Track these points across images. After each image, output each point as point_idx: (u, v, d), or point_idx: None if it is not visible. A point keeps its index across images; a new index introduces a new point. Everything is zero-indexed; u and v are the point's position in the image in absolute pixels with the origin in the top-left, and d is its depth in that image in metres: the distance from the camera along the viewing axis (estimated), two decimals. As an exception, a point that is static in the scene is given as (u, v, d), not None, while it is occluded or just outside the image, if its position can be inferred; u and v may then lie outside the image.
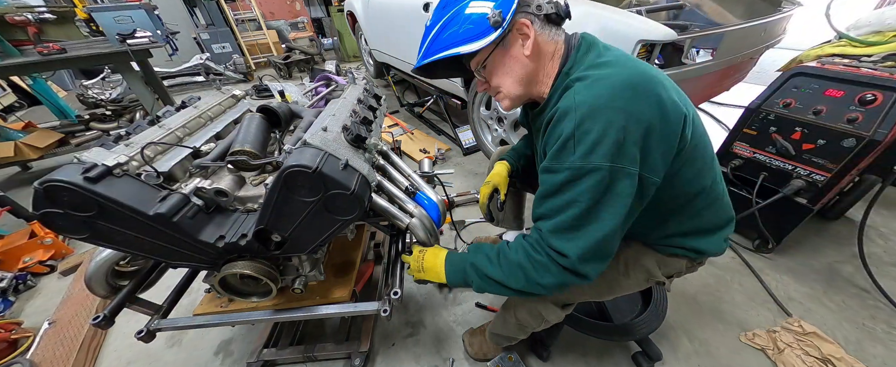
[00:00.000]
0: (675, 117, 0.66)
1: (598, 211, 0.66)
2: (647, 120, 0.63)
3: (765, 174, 1.54)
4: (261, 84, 1.66)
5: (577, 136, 0.64)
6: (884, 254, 1.67)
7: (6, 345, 1.42)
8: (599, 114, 0.62)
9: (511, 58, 0.76)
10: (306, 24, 6.72)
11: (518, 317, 1.01)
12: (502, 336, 1.13)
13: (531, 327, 1.02)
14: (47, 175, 0.70)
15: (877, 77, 1.27)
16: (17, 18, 2.44)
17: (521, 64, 0.76)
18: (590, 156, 0.62)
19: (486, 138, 2.55)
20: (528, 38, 0.73)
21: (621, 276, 0.91)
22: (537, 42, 0.74)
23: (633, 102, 0.63)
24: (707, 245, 0.85)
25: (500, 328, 1.11)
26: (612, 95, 0.63)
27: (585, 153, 0.63)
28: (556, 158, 0.68)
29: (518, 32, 0.73)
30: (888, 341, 1.30)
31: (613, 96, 0.63)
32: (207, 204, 0.86)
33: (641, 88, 0.64)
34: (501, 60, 0.77)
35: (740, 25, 1.62)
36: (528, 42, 0.73)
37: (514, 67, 0.77)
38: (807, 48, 1.71)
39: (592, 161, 0.62)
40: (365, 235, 1.45)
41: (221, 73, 5.27)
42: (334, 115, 1.00)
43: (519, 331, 1.06)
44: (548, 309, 0.95)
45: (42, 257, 1.88)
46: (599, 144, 0.62)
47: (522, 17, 0.71)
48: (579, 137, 0.63)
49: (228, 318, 1.07)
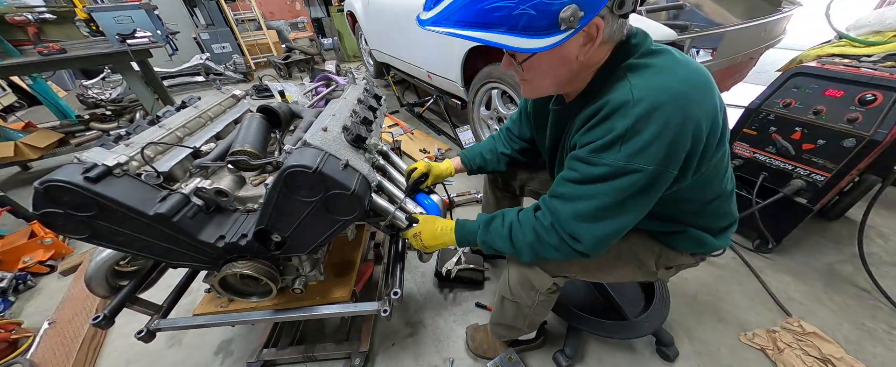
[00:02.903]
0: (720, 124, 0.64)
1: (625, 207, 0.64)
2: (702, 127, 0.59)
3: (765, 174, 1.54)
4: (261, 84, 1.66)
5: (628, 134, 0.58)
6: (884, 254, 1.67)
7: (6, 345, 1.42)
8: (659, 112, 0.57)
9: (561, 58, 0.63)
10: (306, 24, 6.72)
11: (512, 288, 0.98)
12: (502, 326, 1.13)
13: (524, 303, 0.98)
14: (47, 175, 0.70)
15: (877, 77, 1.27)
16: (17, 18, 2.44)
17: (570, 66, 0.65)
18: (636, 158, 0.59)
19: (483, 137, 2.55)
20: (592, 42, 0.61)
21: (614, 259, 0.91)
22: (600, 45, 0.62)
23: (694, 104, 0.58)
24: (711, 243, 0.86)
25: (499, 316, 1.11)
26: (675, 92, 0.58)
27: (632, 154, 0.59)
28: (596, 153, 0.62)
29: (585, 32, 0.59)
30: (888, 341, 1.30)
31: (676, 94, 0.57)
32: (207, 204, 0.86)
33: (703, 90, 0.60)
34: (549, 60, 0.64)
35: (740, 25, 1.62)
36: (591, 45, 0.61)
37: (559, 68, 0.65)
38: (807, 48, 1.71)
39: (637, 163, 0.59)
40: (365, 235, 1.45)
41: (221, 73, 5.27)
42: (334, 115, 1.00)
43: (517, 317, 1.05)
44: (537, 275, 0.91)
45: (42, 257, 1.87)
46: (650, 146, 0.58)
47: (600, 14, 0.57)
48: (631, 136, 0.58)
49: (228, 318, 1.07)
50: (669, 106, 0.57)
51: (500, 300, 1.07)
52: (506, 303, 1.04)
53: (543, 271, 0.89)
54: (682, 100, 0.58)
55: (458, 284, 1.60)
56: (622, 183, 0.62)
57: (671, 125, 0.57)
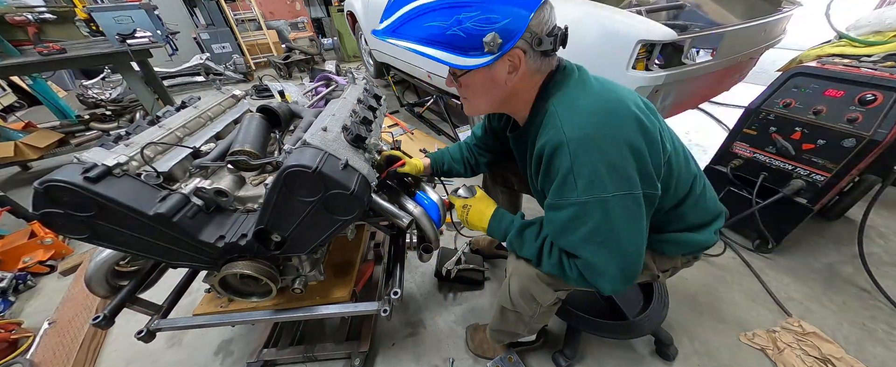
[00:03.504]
0: (654, 132, 0.68)
1: (619, 238, 0.68)
2: (633, 141, 0.65)
3: (765, 174, 1.54)
4: (261, 84, 1.66)
5: (575, 170, 0.65)
6: (884, 254, 1.67)
7: (6, 345, 1.42)
8: (590, 144, 0.64)
9: (491, 80, 0.72)
10: (306, 24, 6.72)
11: (512, 299, 0.96)
12: (502, 332, 1.12)
13: (526, 313, 0.97)
14: (47, 175, 0.70)
15: (877, 77, 1.27)
16: (17, 18, 2.44)
17: (501, 89, 0.73)
18: (592, 188, 0.64)
19: (486, 138, 2.55)
20: (516, 70, 0.69)
21: None
22: (524, 74, 0.71)
23: (616, 126, 0.65)
24: (698, 240, 0.87)
25: (499, 323, 1.10)
26: (596, 123, 0.65)
27: (587, 186, 0.64)
28: (559, 194, 0.69)
29: (509, 60, 0.68)
30: (888, 341, 1.30)
31: (598, 125, 0.64)
32: (207, 204, 0.86)
33: (619, 111, 0.66)
34: (481, 80, 0.73)
35: (740, 25, 1.62)
36: (516, 74, 0.70)
37: (492, 89, 0.74)
38: (807, 48, 1.71)
39: (596, 193, 0.64)
40: (365, 235, 1.45)
41: (221, 73, 5.27)
42: (334, 115, 1.00)
43: (517, 324, 1.04)
44: (540, 290, 0.89)
45: (42, 257, 1.87)
46: (597, 175, 0.63)
47: (519, 46, 0.66)
48: (578, 170, 0.64)
49: (228, 318, 1.07)
50: (597, 136, 0.64)
51: (500, 310, 1.04)
52: (506, 313, 1.02)
53: (547, 286, 0.88)
54: (605, 127, 0.64)
55: (458, 284, 1.60)
56: (595, 216, 0.66)
57: (607, 151, 0.63)
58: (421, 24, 0.64)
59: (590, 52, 1.56)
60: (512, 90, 0.74)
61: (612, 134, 0.64)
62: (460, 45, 0.63)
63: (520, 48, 0.66)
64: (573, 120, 0.66)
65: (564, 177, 0.66)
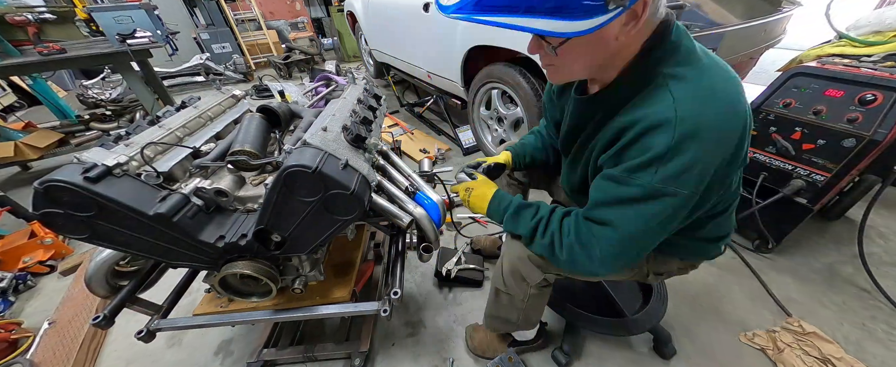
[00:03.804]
0: (747, 142, 0.62)
1: (652, 234, 0.64)
2: (734, 146, 0.58)
3: (765, 174, 1.54)
4: (261, 84, 1.66)
5: (669, 155, 0.55)
6: (884, 254, 1.67)
7: (6, 345, 1.42)
8: (701, 137, 0.54)
9: (600, 40, 0.56)
10: (306, 24, 6.72)
11: (505, 279, 0.98)
12: (497, 318, 1.13)
13: (517, 295, 1.00)
14: (47, 175, 0.70)
15: (877, 77, 1.27)
16: (17, 18, 2.44)
17: (608, 49, 0.59)
18: (673, 181, 0.56)
19: (486, 138, 2.55)
20: (636, 21, 0.54)
21: None
22: (642, 25, 0.56)
23: (728, 131, 0.56)
24: (705, 251, 0.87)
25: (493, 307, 1.12)
26: (718, 116, 0.55)
27: (669, 177, 0.56)
28: (631, 172, 0.59)
29: (630, 10, 0.52)
30: (888, 341, 1.30)
31: (719, 118, 0.55)
32: (207, 204, 0.86)
33: (738, 107, 0.57)
34: (587, 41, 0.56)
35: (740, 25, 1.62)
36: (634, 25, 0.55)
37: (597, 50, 0.59)
38: (807, 48, 1.71)
39: (672, 187, 0.57)
40: (365, 235, 1.45)
41: (221, 73, 5.27)
42: (334, 115, 1.00)
43: (510, 308, 1.06)
44: (528, 269, 0.91)
45: (42, 257, 1.87)
46: (689, 170, 0.55)
47: None
48: (672, 156, 0.55)
49: (228, 318, 1.07)
50: (714, 130, 0.55)
51: (495, 292, 1.08)
52: (500, 295, 1.06)
53: (534, 267, 0.89)
54: (722, 123, 0.55)
55: (458, 284, 1.60)
56: (654, 207, 0.59)
57: (711, 150, 0.55)
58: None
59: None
60: (620, 47, 0.59)
61: (724, 129, 0.55)
62: (572, 6, 0.48)
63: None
64: (694, 102, 0.55)
65: (653, 158, 0.56)
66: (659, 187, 0.57)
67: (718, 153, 0.56)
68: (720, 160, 0.57)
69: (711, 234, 0.83)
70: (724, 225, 0.83)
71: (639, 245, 0.66)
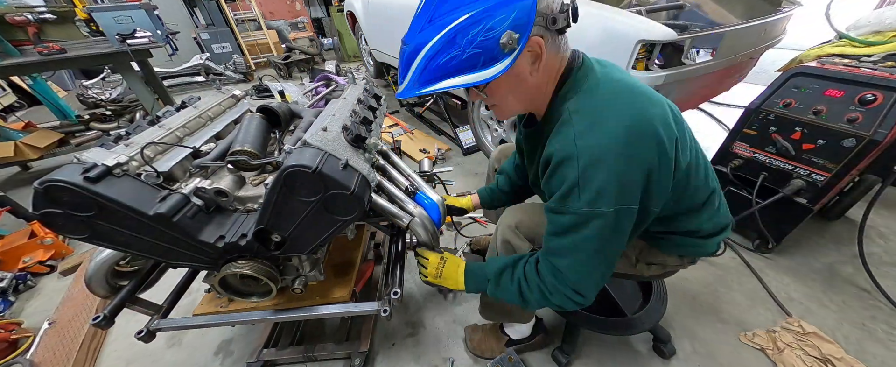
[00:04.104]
0: (671, 149, 0.67)
1: (605, 250, 0.70)
2: (649, 163, 0.64)
3: (765, 174, 1.54)
4: (261, 84, 1.66)
5: (581, 183, 0.64)
6: (884, 254, 1.67)
7: (6, 345, 1.42)
8: (603, 162, 0.62)
9: (516, 77, 0.69)
10: (306, 24, 6.72)
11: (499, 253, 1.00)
12: (491, 306, 1.14)
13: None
14: (47, 175, 0.70)
15: (877, 77, 1.27)
16: (17, 18, 2.44)
17: (527, 83, 0.71)
18: (595, 203, 0.64)
19: (486, 138, 2.55)
20: (539, 59, 0.67)
21: None
22: (547, 61, 0.69)
23: (635, 147, 0.63)
24: (700, 246, 0.88)
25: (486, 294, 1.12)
26: (614, 143, 0.63)
27: (591, 201, 0.64)
28: (561, 202, 0.68)
29: (529, 51, 0.65)
30: (888, 341, 1.30)
31: (615, 144, 0.62)
32: (207, 204, 0.86)
33: (642, 132, 0.64)
34: (506, 81, 0.69)
35: (740, 25, 1.62)
36: (540, 63, 0.68)
37: (519, 86, 0.71)
38: (807, 48, 1.71)
39: (598, 207, 0.64)
40: (365, 235, 1.45)
41: (221, 73, 5.27)
42: (334, 115, 1.00)
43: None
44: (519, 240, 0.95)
45: (42, 257, 1.87)
46: (604, 191, 0.63)
47: (535, 33, 0.63)
48: (584, 184, 0.64)
49: (228, 318, 1.07)
50: (615, 152, 0.62)
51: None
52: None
53: (525, 240, 0.94)
54: (622, 147, 0.62)
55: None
56: (593, 227, 0.67)
57: (618, 170, 0.63)
58: (437, 64, 0.63)
59: (590, 52, 1.53)
60: (539, 81, 0.72)
61: (626, 153, 0.63)
62: (482, 61, 0.61)
63: (536, 35, 0.63)
64: (589, 135, 0.64)
65: (570, 188, 0.66)
66: (586, 211, 0.65)
67: (633, 168, 0.63)
68: (639, 173, 0.64)
69: (701, 228, 0.84)
70: (711, 220, 0.85)
71: (599, 263, 0.72)
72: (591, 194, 0.64)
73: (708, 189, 0.82)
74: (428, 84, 0.66)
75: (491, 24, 0.58)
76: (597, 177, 0.63)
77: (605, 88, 0.70)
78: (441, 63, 0.63)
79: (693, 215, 0.83)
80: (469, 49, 0.60)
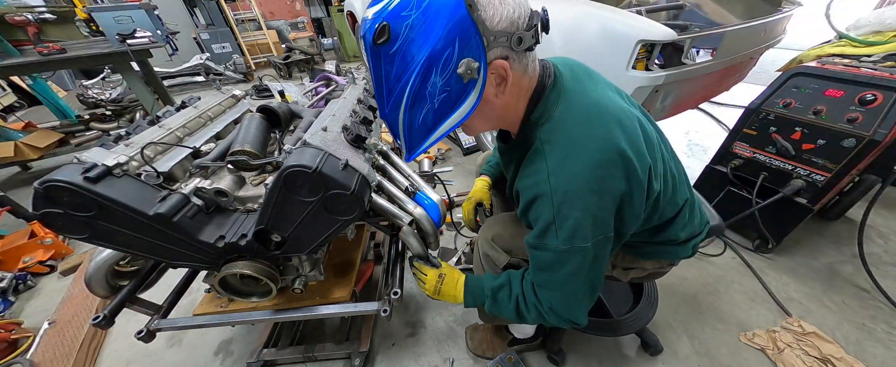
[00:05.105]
0: (643, 176, 0.67)
1: (590, 278, 0.72)
2: (621, 192, 0.65)
3: (765, 174, 1.54)
4: (261, 84, 1.66)
5: (557, 222, 0.65)
6: (884, 254, 1.67)
7: (6, 345, 1.42)
8: (575, 199, 0.63)
9: (483, 101, 0.64)
10: (306, 24, 6.71)
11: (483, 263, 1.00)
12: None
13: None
14: (47, 175, 0.70)
15: (877, 77, 1.27)
16: (17, 18, 2.44)
17: (493, 104, 0.67)
18: (572, 239, 0.65)
19: (486, 138, 2.55)
20: (505, 81, 0.63)
21: None
22: (514, 82, 0.65)
23: (606, 181, 0.64)
24: (675, 253, 0.91)
25: None
26: (586, 179, 0.63)
27: (567, 238, 0.65)
28: (541, 238, 0.70)
29: (493, 74, 0.61)
30: (888, 341, 1.30)
31: (587, 181, 0.63)
32: (207, 204, 0.86)
33: (612, 162, 0.64)
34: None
35: (740, 25, 1.62)
36: (505, 85, 0.64)
37: (485, 109, 0.66)
38: (807, 48, 1.71)
39: (576, 243, 0.66)
40: (365, 235, 1.45)
41: (221, 73, 5.27)
42: (334, 115, 1.00)
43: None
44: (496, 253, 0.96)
45: (42, 257, 1.87)
46: (579, 227, 0.64)
47: (498, 55, 0.59)
48: (560, 222, 0.65)
49: (228, 318, 1.07)
50: (587, 191, 0.63)
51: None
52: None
53: (501, 250, 0.94)
54: (593, 183, 0.63)
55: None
56: (572, 264, 0.68)
57: (595, 203, 0.64)
58: (418, 124, 0.64)
59: (590, 52, 1.56)
60: (506, 101, 0.69)
61: (598, 188, 0.63)
62: (454, 99, 0.61)
63: (500, 57, 0.59)
64: (561, 171, 0.64)
65: (546, 226, 0.67)
66: (565, 248, 0.66)
67: (606, 200, 0.64)
68: (611, 203, 0.65)
69: (676, 236, 0.86)
70: (685, 229, 0.86)
71: (586, 290, 0.74)
72: (567, 231, 0.65)
73: (676, 206, 0.83)
74: (423, 142, 0.68)
75: (440, 64, 0.56)
76: (571, 215, 0.64)
77: (577, 113, 0.68)
78: (421, 122, 0.64)
79: (664, 229, 0.84)
80: (438, 97, 0.60)
